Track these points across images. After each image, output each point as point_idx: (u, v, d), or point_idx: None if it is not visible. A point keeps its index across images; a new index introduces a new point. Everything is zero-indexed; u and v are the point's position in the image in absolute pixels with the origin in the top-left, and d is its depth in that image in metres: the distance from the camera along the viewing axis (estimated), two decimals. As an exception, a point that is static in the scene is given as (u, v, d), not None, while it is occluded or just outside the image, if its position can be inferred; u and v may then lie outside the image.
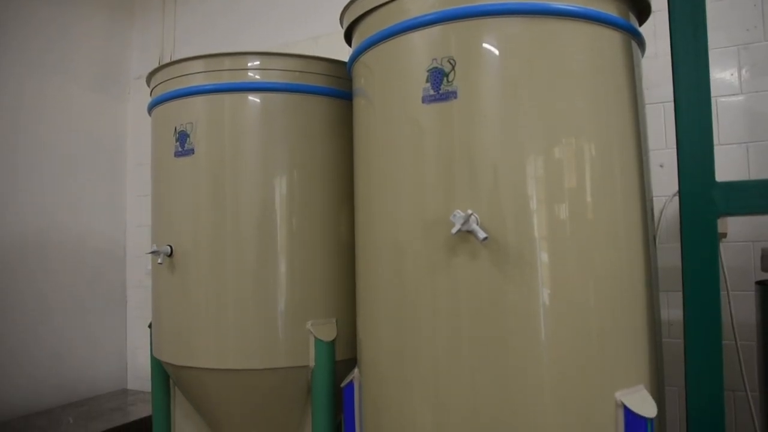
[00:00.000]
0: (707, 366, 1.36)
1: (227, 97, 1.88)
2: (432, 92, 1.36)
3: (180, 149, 1.91)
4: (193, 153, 1.88)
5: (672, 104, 1.39)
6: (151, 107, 2.08)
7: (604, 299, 1.32)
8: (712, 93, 1.37)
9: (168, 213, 1.97)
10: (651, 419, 1.27)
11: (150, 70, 2.10)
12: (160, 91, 2.02)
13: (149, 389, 2.29)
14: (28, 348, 3.12)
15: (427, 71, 1.37)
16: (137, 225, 3.67)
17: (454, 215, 1.26)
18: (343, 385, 1.65)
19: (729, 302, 1.83)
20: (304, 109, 1.90)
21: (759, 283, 1.62)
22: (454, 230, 1.25)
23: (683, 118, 1.35)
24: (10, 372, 3.03)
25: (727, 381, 1.36)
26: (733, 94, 2.20)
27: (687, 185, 1.36)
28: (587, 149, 1.35)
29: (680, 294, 1.41)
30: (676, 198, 1.41)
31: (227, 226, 1.84)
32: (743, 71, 2.20)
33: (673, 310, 2.26)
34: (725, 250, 2.08)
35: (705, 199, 1.35)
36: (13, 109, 3.11)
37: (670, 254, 2.13)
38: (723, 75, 2.22)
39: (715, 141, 1.38)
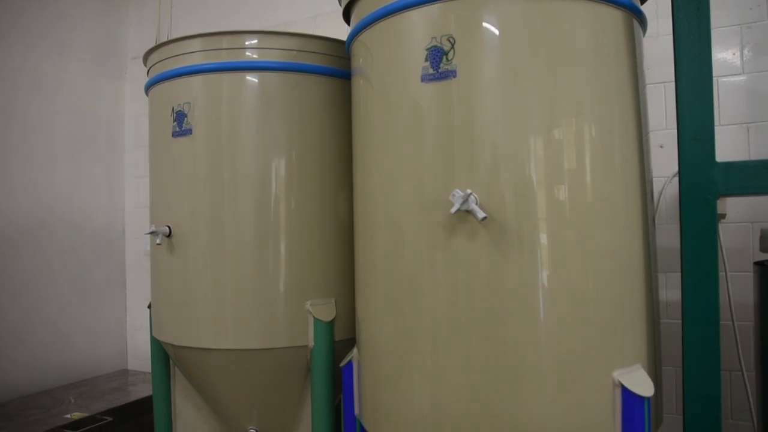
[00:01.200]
0: (705, 346, 1.37)
1: (225, 77, 1.86)
2: (431, 71, 1.35)
3: (178, 129, 1.90)
4: (191, 133, 1.87)
5: (673, 84, 1.38)
6: (148, 87, 2.07)
7: (602, 279, 1.32)
8: (714, 73, 1.36)
9: (166, 193, 1.97)
10: (648, 398, 1.27)
11: (147, 49, 2.08)
12: (157, 71, 2.00)
13: (149, 369, 2.31)
14: (29, 330, 3.14)
15: (426, 50, 1.36)
16: (135, 206, 3.67)
17: (453, 195, 1.26)
18: (342, 364, 1.66)
19: (727, 283, 1.84)
20: (303, 89, 1.89)
21: (757, 263, 1.62)
22: (453, 210, 1.24)
23: (684, 97, 1.35)
24: (12, 353, 3.05)
25: (724, 361, 1.37)
26: (735, 74, 2.18)
27: (687, 165, 1.35)
28: (587, 130, 1.34)
29: (678, 275, 1.41)
30: (676, 179, 1.41)
31: (225, 207, 1.84)
32: (746, 50, 2.18)
33: (671, 291, 2.27)
34: (724, 230, 2.08)
35: (705, 179, 1.34)
36: (12, 91, 3.09)
37: (669, 235, 2.14)
38: (725, 54, 2.20)
39: (716, 121, 1.37)
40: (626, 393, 1.28)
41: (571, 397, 1.28)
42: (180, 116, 1.89)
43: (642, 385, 1.30)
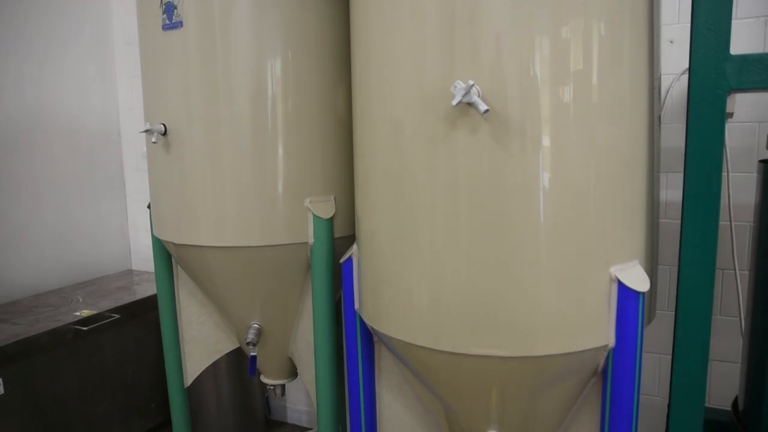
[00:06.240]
0: (702, 244, 1.38)
1: (215, -36, 1.75)
2: (434, -47, 1.26)
3: (168, 22, 1.81)
4: (182, 26, 1.79)
5: (690, -29, 1.30)
6: (135, -24, 1.96)
7: (604, 177, 1.31)
8: (735, -40, 1.28)
9: (159, 90, 1.91)
10: (643, 293, 1.30)
11: (130, -66, 1.96)
12: (143, -42, 1.88)
13: (153, 270, 2.34)
14: (32, 231, 3.17)
15: (430, -70, 1.26)
16: (129, 107, 3.60)
17: (455, 86, 1.21)
18: (342, 261, 1.67)
19: (728, 182, 1.83)
20: (298, -22, 1.78)
21: (762, 161, 1.60)
22: (454, 101, 1.20)
23: (702, -16, 1.27)
24: (19, 254, 3.10)
25: (717, 259, 1.39)
26: (757, -38, 2.06)
27: (699, 57, 1.30)
28: (596, 25, 1.27)
29: (679, 175, 1.39)
30: (684, 76, 1.37)
31: (221, 104, 1.78)
32: (770, -64, 2.04)
33: (671, 191, 2.27)
34: (729, 130, 2.05)
35: (716, 73, 1.29)
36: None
37: (672, 134, 2.11)
38: (747, -60, 2.06)
39: (733, 15, 1.30)
40: (622, 288, 1.30)
41: (568, 290, 1.30)
42: (169, 7, 1.80)
43: (638, 280, 1.31)
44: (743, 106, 2.13)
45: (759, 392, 1.60)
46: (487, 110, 1.20)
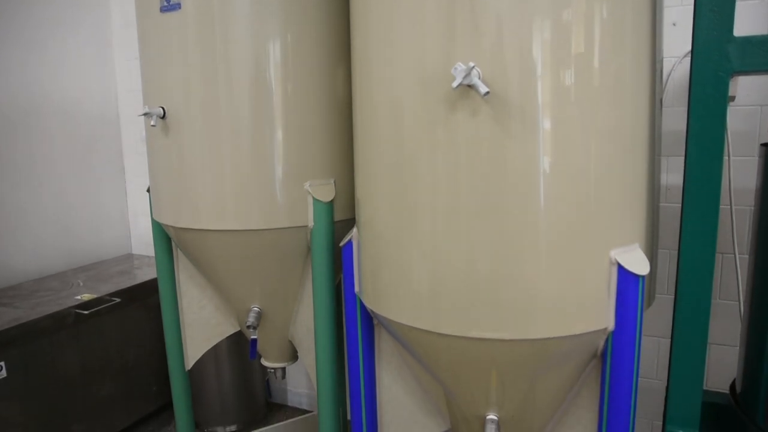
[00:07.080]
0: (702, 228, 1.38)
1: (213, -57, 1.73)
2: (435, -67, 1.24)
3: (166, 4, 1.79)
4: (180, 7, 1.77)
5: (693, -49, 1.28)
6: (132, -43, 1.93)
7: (605, 160, 1.30)
8: (739, -62, 1.26)
9: (157, 73, 1.89)
10: (642, 277, 1.30)
11: None
12: (140, -62, 1.86)
13: (153, 254, 2.34)
14: (32, 215, 3.18)
15: None
16: (128, 90, 3.58)
17: (455, 68, 1.20)
18: (341, 244, 1.67)
19: (729, 166, 1.83)
20: (297, -41, 1.76)
21: (764, 145, 1.59)
22: (455, 84, 1.19)
23: (705, -35, 1.26)
24: (18, 238, 3.10)
25: (718, 244, 1.39)
26: (761, -57, 2.04)
27: (702, 39, 1.29)
28: (598, 7, 1.25)
29: (680, 159, 1.39)
30: (686, 59, 1.35)
31: (219, 86, 1.77)
32: None
33: (672, 175, 2.26)
34: (731, 113, 2.04)
35: (719, 55, 1.28)
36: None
37: (673, 118, 2.10)
38: None
39: (736, -4, 1.29)
40: (622, 271, 1.30)
41: (568, 273, 1.29)
42: (167, -11, 1.78)
43: (638, 264, 1.31)
44: (745, 89, 2.12)
45: (757, 375, 1.61)
46: (487, 92, 1.19)
